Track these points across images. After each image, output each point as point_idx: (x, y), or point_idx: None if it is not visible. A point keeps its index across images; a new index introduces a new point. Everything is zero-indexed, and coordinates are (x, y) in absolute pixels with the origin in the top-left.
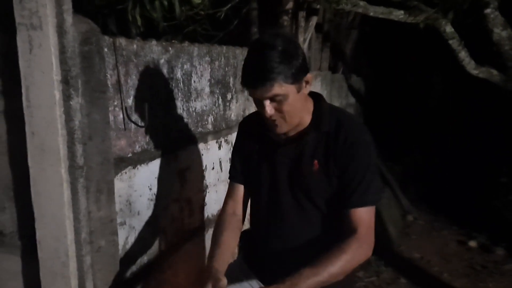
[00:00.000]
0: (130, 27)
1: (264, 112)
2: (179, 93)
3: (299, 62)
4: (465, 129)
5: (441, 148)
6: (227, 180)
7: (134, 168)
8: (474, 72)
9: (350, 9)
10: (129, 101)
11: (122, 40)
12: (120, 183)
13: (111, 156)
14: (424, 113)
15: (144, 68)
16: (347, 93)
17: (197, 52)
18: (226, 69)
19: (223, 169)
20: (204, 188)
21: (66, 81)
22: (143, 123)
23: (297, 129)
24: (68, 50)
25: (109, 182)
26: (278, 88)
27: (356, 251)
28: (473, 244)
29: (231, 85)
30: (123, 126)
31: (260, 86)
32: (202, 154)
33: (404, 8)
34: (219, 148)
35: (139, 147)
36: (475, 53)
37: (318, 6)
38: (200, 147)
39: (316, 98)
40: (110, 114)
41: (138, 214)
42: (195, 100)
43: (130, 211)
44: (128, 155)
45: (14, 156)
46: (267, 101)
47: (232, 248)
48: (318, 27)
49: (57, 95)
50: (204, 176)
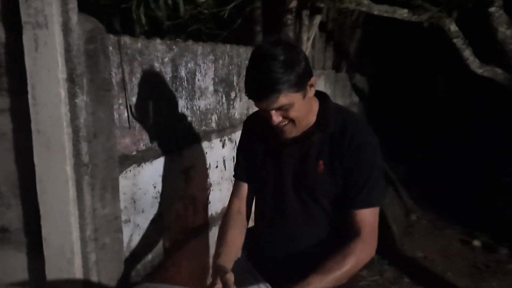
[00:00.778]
0: (135, 26)
1: (271, 122)
2: (183, 92)
3: (302, 68)
4: (469, 128)
5: (444, 147)
6: (231, 178)
7: (138, 166)
8: (479, 71)
9: (354, 7)
10: (134, 99)
11: (126, 39)
12: (125, 181)
13: (116, 154)
14: (428, 112)
15: (148, 67)
16: (351, 92)
17: (201, 50)
18: (230, 67)
19: (226, 167)
20: (208, 186)
21: (71, 79)
22: (148, 122)
23: (302, 129)
24: (73, 48)
25: (114, 179)
26: (283, 98)
27: (360, 253)
28: (476, 243)
29: (235, 83)
30: (127, 124)
31: (265, 99)
32: (206, 153)
33: (408, 7)
34: (223, 146)
35: (143, 145)
36: (480, 52)
37: (322, 5)
38: (204, 145)
39: (321, 98)
40: (114, 112)
41: (143, 212)
42: (199, 99)
43: (135, 209)
44: (133, 153)
45: (20, 154)
46: (273, 111)
47: (238, 246)
48: (322, 26)
49: (63, 93)
50: (208, 174)
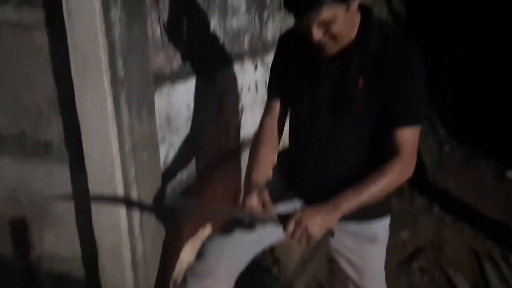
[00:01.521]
0: None
1: (311, 39)
2: (216, 10)
3: None
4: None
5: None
6: (263, 102)
7: (172, 85)
8: None
9: None
10: (166, 16)
11: None
12: (159, 100)
13: (151, 72)
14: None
15: None
16: (388, 17)
17: None
18: None
19: (259, 91)
20: (240, 110)
21: None
22: (180, 40)
23: (343, 45)
24: None
25: (150, 97)
26: (326, 12)
27: (399, 172)
28: (510, 175)
29: (267, 2)
30: (161, 42)
31: (306, 13)
32: (238, 76)
33: None
34: (255, 69)
35: (176, 65)
36: None
37: None
38: (236, 68)
39: (363, 11)
40: (148, 29)
41: (177, 132)
42: (231, 18)
43: (170, 128)
44: (167, 72)
45: (58, 70)
46: (314, 27)
47: (271, 164)
48: None
49: (97, 5)
50: (240, 97)
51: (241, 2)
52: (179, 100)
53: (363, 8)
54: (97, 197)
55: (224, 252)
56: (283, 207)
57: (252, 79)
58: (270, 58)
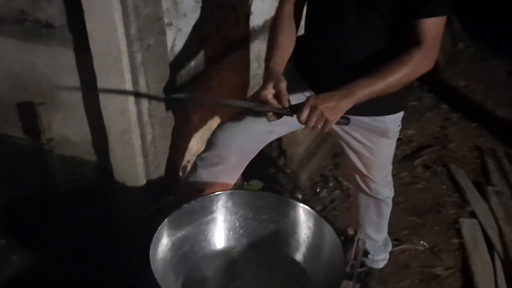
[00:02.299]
0: None
1: None
2: None
3: None
4: None
5: None
6: None
7: None
8: None
9: None
10: None
11: None
12: None
13: None
14: None
15: None
16: None
17: None
18: None
19: None
20: None
21: None
22: None
23: None
24: None
25: None
26: None
27: (418, 63)
28: None
29: None
30: None
31: None
32: None
33: None
34: None
35: None
36: None
37: None
38: None
39: None
40: None
41: (185, 16)
42: None
43: (177, 12)
44: None
45: None
46: None
47: (289, 51)
48: None
49: None
50: None
51: None
52: None
53: None
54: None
55: (235, 140)
56: (296, 98)
57: None
58: None
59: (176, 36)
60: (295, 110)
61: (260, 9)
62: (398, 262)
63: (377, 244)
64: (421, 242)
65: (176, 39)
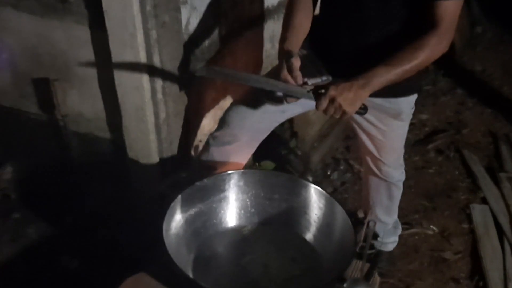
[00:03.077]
0: None
1: None
2: None
3: None
4: None
5: None
6: None
7: None
8: None
9: None
10: None
11: None
12: None
13: None
14: None
15: None
16: None
17: None
18: None
19: None
20: None
21: None
22: None
23: None
24: None
25: None
26: None
27: (435, 47)
28: None
29: None
30: None
31: None
32: None
33: None
34: None
35: None
36: None
37: None
38: None
39: None
40: None
41: None
42: None
43: None
44: None
45: None
46: None
47: (305, 31)
48: None
49: None
50: None
51: None
52: None
53: None
54: (120, 57)
55: (248, 119)
56: (312, 80)
57: None
58: None
59: (190, 15)
60: (314, 93)
61: None
62: (408, 245)
63: (387, 227)
64: (431, 226)
65: (190, 17)
